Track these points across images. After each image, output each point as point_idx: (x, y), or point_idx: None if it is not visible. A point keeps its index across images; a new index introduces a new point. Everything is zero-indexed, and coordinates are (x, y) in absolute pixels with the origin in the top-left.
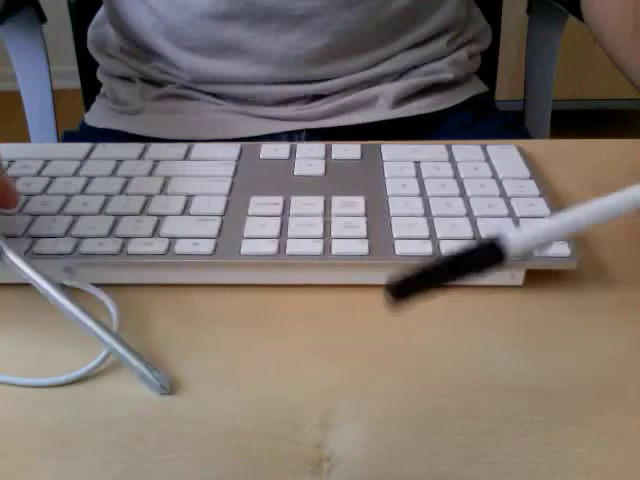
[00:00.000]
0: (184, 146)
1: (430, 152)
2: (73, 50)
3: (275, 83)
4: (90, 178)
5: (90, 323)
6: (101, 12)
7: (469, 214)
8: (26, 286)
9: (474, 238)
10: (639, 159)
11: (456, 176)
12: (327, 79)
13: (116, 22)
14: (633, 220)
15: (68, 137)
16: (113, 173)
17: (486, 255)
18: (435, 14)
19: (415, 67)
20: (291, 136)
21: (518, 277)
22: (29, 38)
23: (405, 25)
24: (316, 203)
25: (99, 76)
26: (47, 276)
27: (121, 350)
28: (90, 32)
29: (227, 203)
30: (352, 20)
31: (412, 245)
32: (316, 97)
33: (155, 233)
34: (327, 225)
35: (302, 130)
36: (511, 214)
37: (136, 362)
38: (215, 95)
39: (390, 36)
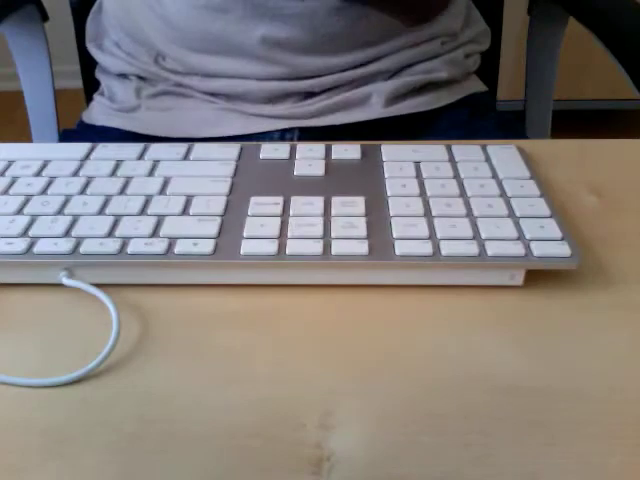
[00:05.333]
0: (184, 146)
1: (430, 152)
2: (75, 50)
3: (266, 79)
4: (90, 178)
5: None
6: (98, 3)
7: (469, 214)
8: (26, 286)
9: (474, 238)
10: (639, 159)
11: (456, 176)
12: (318, 75)
13: (114, 11)
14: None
15: (66, 135)
16: (113, 173)
17: None
18: (430, 22)
19: (409, 65)
20: (283, 134)
21: (518, 277)
22: (31, 38)
23: (398, 30)
24: (316, 203)
25: (97, 74)
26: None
27: None
28: (87, 25)
29: (227, 203)
30: (341, 24)
31: (412, 245)
32: (308, 95)
33: (155, 233)
34: (327, 225)
35: (295, 128)
36: (511, 214)
37: None
38: (210, 93)
39: (381, 39)
